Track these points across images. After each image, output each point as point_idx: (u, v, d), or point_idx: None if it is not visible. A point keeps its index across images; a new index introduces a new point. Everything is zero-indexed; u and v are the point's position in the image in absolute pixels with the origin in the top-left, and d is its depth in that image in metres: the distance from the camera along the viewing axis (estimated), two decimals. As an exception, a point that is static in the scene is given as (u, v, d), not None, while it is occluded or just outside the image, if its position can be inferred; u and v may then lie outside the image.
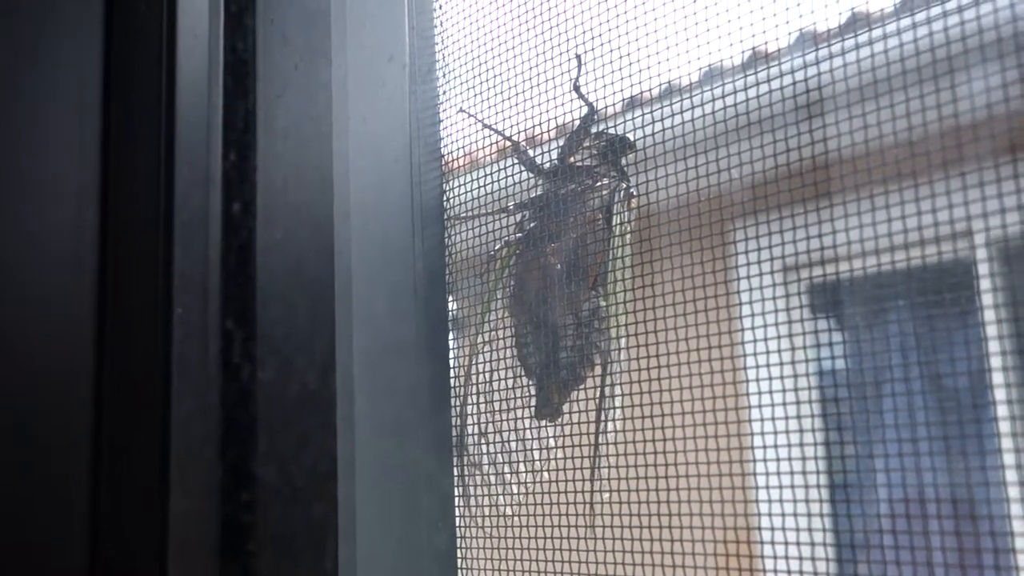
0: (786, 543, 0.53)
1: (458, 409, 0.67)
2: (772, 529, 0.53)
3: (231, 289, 0.39)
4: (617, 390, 0.64)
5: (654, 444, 0.58)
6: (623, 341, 0.64)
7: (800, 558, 0.52)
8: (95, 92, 0.41)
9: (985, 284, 0.55)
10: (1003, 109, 0.46)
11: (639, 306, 0.60)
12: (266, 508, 0.38)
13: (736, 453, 0.56)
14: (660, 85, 0.60)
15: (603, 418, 0.64)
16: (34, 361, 0.38)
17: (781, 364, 0.55)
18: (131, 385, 0.38)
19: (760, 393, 0.56)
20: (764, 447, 0.55)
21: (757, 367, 0.56)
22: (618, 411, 0.63)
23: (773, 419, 0.56)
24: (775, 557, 0.53)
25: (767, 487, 0.55)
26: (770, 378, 0.55)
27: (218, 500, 0.37)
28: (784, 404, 0.56)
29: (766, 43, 0.56)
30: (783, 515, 0.53)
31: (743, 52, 0.57)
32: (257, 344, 0.39)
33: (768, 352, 0.56)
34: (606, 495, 0.61)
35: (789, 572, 0.52)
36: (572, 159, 0.66)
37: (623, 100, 0.63)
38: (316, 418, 0.40)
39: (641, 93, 0.60)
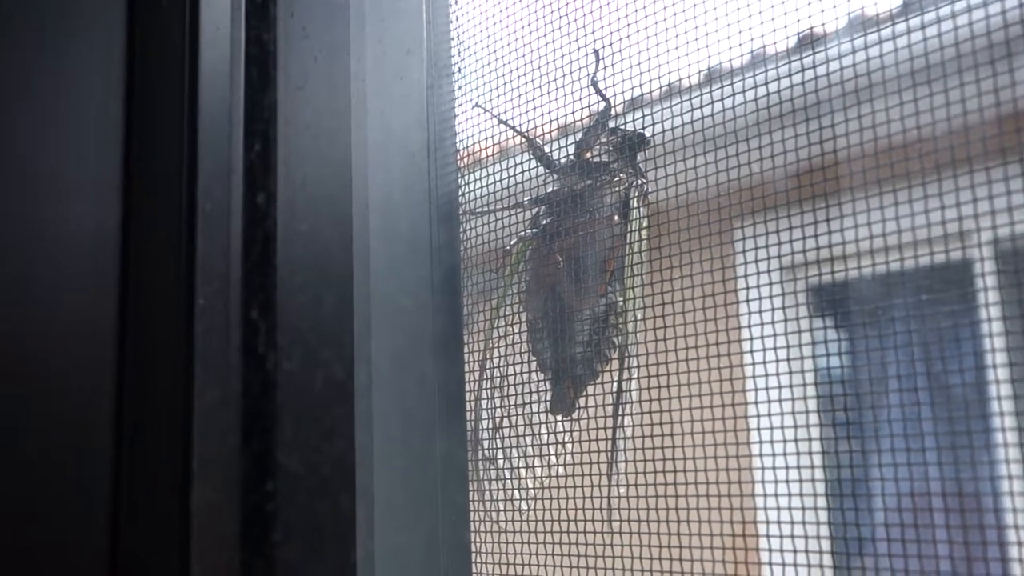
0: (793, 536, 0.53)
1: (473, 404, 0.68)
2: (778, 523, 0.54)
3: (254, 280, 0.39)
4: (634, 384, 0.64)
5: (667, 439, 0.58)
6: (639, 336, 0.64)
7: (806, 551, 0.52)
8: (118, 85, 0.41)
9: (989, 283, 0.55)
10: (1006, 109, 0.46)
11: (652, 302, 0.60)
12: (290, 498, 0.38)
13: (743, 447, 0.56)
14: (666, 84, 0.60)
15: (620, 413, 0.64)
16: (56, 353, 0.38)
17: (787, 360, 0.56)
18: (154, 375, 0.38)
19: (766, 389, 0.56)
20: (771, 442, 0.56)
21: (764, 363, 0.56)
22: (634, 405, 0.63)
23: (779, 414, 0.56)
24: (781, 551, 0.53)
25: (774, 481, 0.55)
26: (777, 374, 0.56)
27: (241, 490, 0.37)
28: (788, 399, 0.56)
29: (774, 43, 0.56)
30: (789, 508, 0.54)
31: (747, 53, 0.57)
32: (279, 334, 0.39)
33: (774, 348, 0.56)
34: (622, 490, 0.61)
35: (796, 565, 0.53)
36: (587, 155, 0.66)
37: (628, 99, 0.63)
38: (339, 409, 0.40)
39: (660, 89, 0.61)
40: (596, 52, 0.63)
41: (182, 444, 0.37)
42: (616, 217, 0.65)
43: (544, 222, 0.67)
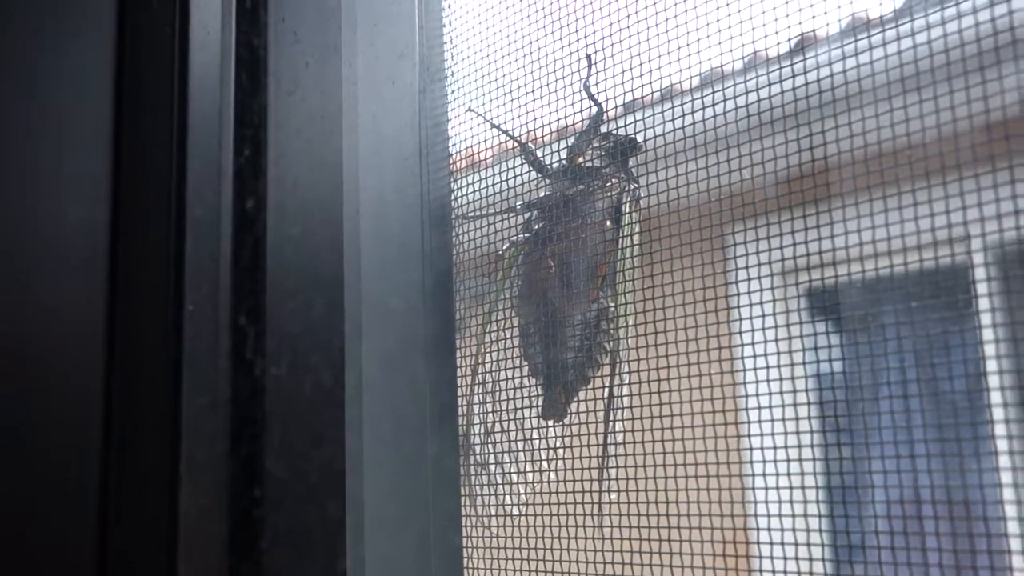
0: (784, 543, 0.53)
1: (464, 409, 0.67)
2: (769, 529, 0.54)
3: (243, 285, 0.39)
4: (625, 390, 0.64)
5: (659, 445, 0.58)
6: (631, 342, 0.64)
7: (797, 558, 0.52)
8: (107, 88, 0.41)
9: (982, 288, 0.55)
10: (997, 116, 0.46)
11: (644, 307, 0.60)
12: (278, 504, 0.38)
13: (735, 455, 0.56)
14: (659, 89, 0.60)
15: (611, 418, 0.64)
16: (45, 357, 0.37)
17: (780, 366, 0.56)
18: (142, 381, 0.38)
19: (757, 395, 0.56)
20: (763, 448, 0.56)
21: (757, 368, 0.56)
22: (626, 411, 0.63)
23: (772, 420, 0.56)
24: (772, 558, 0.53)
25: (764, 488, 0.55)
26: (769, 380, 0.56)
27: (229, 496, 0.37)
28: (781, 405, 0.56)
29: (767, 48, 0.56)
30: (780, 516, 0.54)
31: (743, 57, 0.57)
32: (269, 339, 0.39)
33: (766, 355, 0.56)
34: (613, 495, 0.61)
35: (787, 572, 0.53)
36: (580, 159, 0.66)
37: (623, 103, 0.63)
38: (328, 414, 0.40)
39: (653, 94, 0.61)
40: (589, 57, 0.63)
41: (170, 449, 0.37)
42: (608, 222, 0.65)
43: (536, 227, 0.67)
